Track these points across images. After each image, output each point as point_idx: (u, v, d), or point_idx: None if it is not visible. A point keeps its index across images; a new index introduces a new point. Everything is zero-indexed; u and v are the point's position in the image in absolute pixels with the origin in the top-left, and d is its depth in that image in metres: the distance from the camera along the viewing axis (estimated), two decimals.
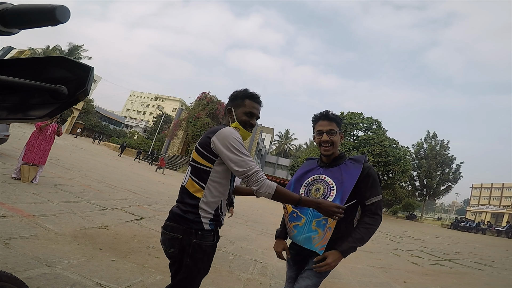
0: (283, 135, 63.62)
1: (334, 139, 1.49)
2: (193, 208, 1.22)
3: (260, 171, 1.19)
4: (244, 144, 1.25)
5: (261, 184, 1.16)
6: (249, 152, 31.30)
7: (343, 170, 1.49)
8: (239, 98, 1.36)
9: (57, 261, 2.26)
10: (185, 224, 1.20)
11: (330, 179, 1.49)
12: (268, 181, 1.17)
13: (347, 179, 1.45)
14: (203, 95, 29.41)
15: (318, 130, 1.53)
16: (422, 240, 11.69)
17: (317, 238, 1.41)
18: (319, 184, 1.51)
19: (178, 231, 1.20)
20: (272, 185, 1.17)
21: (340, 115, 26.92)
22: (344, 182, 1.44)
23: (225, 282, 2.74)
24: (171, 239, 1.22)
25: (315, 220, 1.44)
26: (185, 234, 1.20)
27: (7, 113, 0.43)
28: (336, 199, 1.42)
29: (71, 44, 33.97)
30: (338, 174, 1.49)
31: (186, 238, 1.19)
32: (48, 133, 5.21)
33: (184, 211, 1.22)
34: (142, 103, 73.47)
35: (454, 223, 31.21)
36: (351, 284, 3.57)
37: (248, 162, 1.19)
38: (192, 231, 1.20)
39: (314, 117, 1.57)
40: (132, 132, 48.95)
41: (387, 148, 25.18)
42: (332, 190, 1.45)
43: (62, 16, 0.36)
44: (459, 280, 4.84)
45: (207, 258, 1.24)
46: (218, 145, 1.20)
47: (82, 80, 0.42)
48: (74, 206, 4.10)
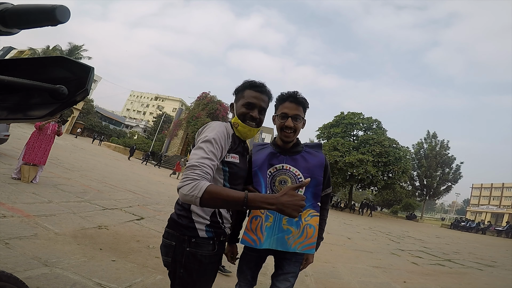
0: None
1: (298, 126, 1.33)
2: (186, 212, 1.10)
3: (198, 168, 0.93)
4: (223, 138, 1.07)
5: (185, 184, 0.89)
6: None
7: (307, 158, 1.37)
8: (240, 91, 1.23)
9: (57, 261, 2.26)
10: (179, 230, 1.08)
11: (296, 169, 1.34)
12: (198, 182, 0.89)
13: (314, 168, 1.34)
14: (203, 95, 29.40)
15: (282, 113, 1.32)
16: (422, 240, 11.69)
17: (292, 238, 1.28)
18: (285, 175, 1.34)
19: (172, 238, 1.09)
20: (200, 186, 0.88)
21: (340, 115, 26.77)
22: (314, 173, 1.33)
23: (225, 282, 2.74)
24: (165, 246, 1.11)
25: (285, 218, 1.29)
26: (178, 241, 1.07)
27: (7, 113, 0.43)
28: (307, 192, 1.32)
29: (71, 44, 33.96)
30: (303, 163, 1.35)
31: (179, 246, 1.07)
32: (48, 133, 5.21)
33: (178, 215, 1.11)
34: (142, 103, 73.47)
35: (454, 223, 31.21)
36: (351, 284, 3.56)
37: (196, 153, 0.99)
38: (186, 238, 1.07)
39: (280, 96, 1.36)
40: (132, 132, 48.95)
41: (387, 148, 25.19)
42: (300, 181, 1.31)
43: (62, 16, 0.36)
44: (459, 280, 4.84)
45: (203, 270, 1.08)
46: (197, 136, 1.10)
47: (82, 80, 0.42)
48: (74, 206, 4.10)
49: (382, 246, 7.64)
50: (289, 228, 1.29)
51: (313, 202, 1.34)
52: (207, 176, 0.94)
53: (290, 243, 1.28)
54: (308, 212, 1.33)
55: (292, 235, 1.28)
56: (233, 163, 1.14)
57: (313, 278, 3.42)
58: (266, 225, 1.29)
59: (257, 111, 1.19)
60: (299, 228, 1.29)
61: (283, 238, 1.29)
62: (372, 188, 29.16)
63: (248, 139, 1.26)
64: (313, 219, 1.32)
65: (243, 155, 1.22)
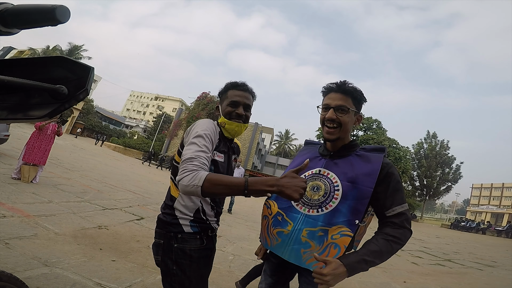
0: (283, 135, 63.64)
1: (344, 119, 1.10)
2: (170, 209, 1.12)
3: (195, 160, 0.93)
4: (212, 134, 1.09)
5: (184, 175, 0.89)
6: (249, 152, 31.38)
7: (354, 163, 1.11)
8: (223, 93, 1.25)
9: (57, 261, 2.26)
10: (164, 228, 1.10)
11: (335, 175, 1.11)
12: (197, 172, 0.89)
13: (361, 176, 1.07)
14: (203, 95, 29.42)
15: (324, 104, 1.14)
16: (422, 240, 11.69)
17: (309, 254, 1.06)
18: (319, 181, 1.14)
19: (161, 236, 1.11)
20: (200, 175, 0.87)
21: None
22: (357, 181, 1.07)
23: (225, 282, 2.74)
24: (156, 246, 1.13)
25: (307, 230, 1.08)
26: (165, 238, 1.09)
27: (7, 113, 0.43)
28: (342, 205, 1.06)
29: (71, 44, 34.01)
30: (346, 168, 1.11)
31: (167, 243, 1.08)
32: (48, 133, 5.21)
33: (163, 213, 1.14)
34: (142, 103, 73.50)
35: (454, 223, 31.23)
36: (351, 284, 3.56)
37: (191, 148, 0.99)
38: (172, 234, 1.08)
39: (324, 87, 1.16)
40: (132, 132, 48.96)
41: (387, 148, 25.19)
42: (336, 191, 1.08)
43: (62, 16, 0.36)
44: (459, 280, 4.84)
45: (196, 265, 1.08)
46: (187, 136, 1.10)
47: (82, 80, 0.42)
48: (74, 206, 4.10)
49: None
50: (308, 241, 1.07)
51: (349, 218, 1.04)
52: (204, 167, 0.94)
53: (305, 258, 1.07)
54: (339, 230, 1.04)
55: (310, 250, 1.06)
56: (218, 162, 1.13)
57: None
58: (283, 232, 1.13)
59: (242, 108, 1.18)
60: (321, 245, 1.05)
61: (298, 251, 1.08)
62: None
63: (237, 136, 1.25)
64: (342, 239, 1.03)
65: (228, 155, 1.22)
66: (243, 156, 29.33)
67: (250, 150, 31.24)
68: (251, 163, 32.31)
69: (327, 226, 1.06)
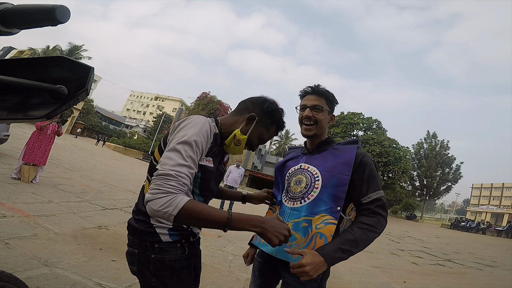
0: (283, 135, 63.64)
1: (319, 117, 1.18)
2: (144, 215, 0.96)
3: (174, 179, 0.78)
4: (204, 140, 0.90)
5: (156, 197, 0.75)
6: (249, 152, 31.38)
7: (331, 155, 1.17)
8: (269, 117, 1.06)
9: (57, 261, 2.26)
10: (138, 237, 0.96)
11: (314, 167, 1.17)
12: (173, 197, 0.75)
13: (338, 165, 1.12)
14: (203, 95, 29.44)
15: (302, 105, 1.23)
16: (422, 240, 11.70)
17: (295, 246, 1.07)
18: (300, 174, 1.19)
19: (134, 245, 0.98)
20: (176, 202, 0.75)
21: (340, 115, 26.67)
22: (335, 170, 1.11)
23: (225, 282, 2.74)
24: (130, 254, 1.00)
25: (292, 222, 1.11)
26: (140, 248, 0.96)
27: (7, 113, 0.43)
28: (323, 193, 1.10)
29: (71, 44, 34.01)
30: (324, 160, 1.17)
31: (143, 253, 0.95)
32: (48, 133, 5.22)
33: (135, 219, 0.99)
34: (142, 103, 73.52)
35: (454, 223, 31.24)
36: (351, 284, 3.56)
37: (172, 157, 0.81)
38: (148, 244, 0.94)
39: (302, 91, 1.26)
40: (132, 132, 48.96)
41: (387, 148, 25.19)
42: (316, 181, 1.13)
43: (62, 16, 0.36)
44: (459, 280, 4.84)
45: (177, 276, 0.96)
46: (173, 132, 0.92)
47: (82, 80, 0.42)
48: (74, 206, 4.10)
49: (382, 246, 7.64)
50: (293, 233, 1.07)
51: (331, 206, 1.08)
52: (183, 188, 0.79)
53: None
54: (322, 218, 1.07)
55: (296, 243, 1.07)
56: (206, 168, 0.96)
57: None
58: None
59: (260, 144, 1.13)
60: (307, 236, 1.07)
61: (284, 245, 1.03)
62: None
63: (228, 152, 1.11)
64: (327, 228, 1.05)
65: (220, 158, 1.06)
66: (243, 156, 29.33)
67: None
68: (251, 163, 32.30)
69: (310, 216, 1.10)
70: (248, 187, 29.29)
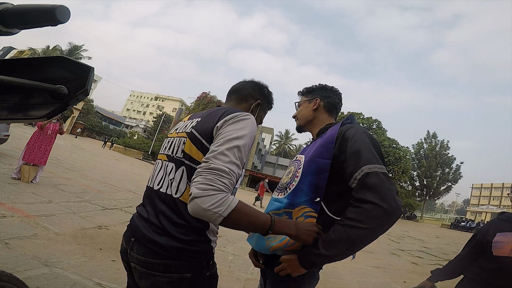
0: (283, 135, 63.69)
1: (298, 112, 1.24)
2: (199, 234, 0.82)
3: (227, 177, 0.72)
4: (250, 146, 0.87)
5: (208, 194, 0.67)
6: (249, 152, 31.31)
7: (318, 140, 1.06)
8: (267, 101, 1.11)
9: (57, 261, 2.26)
10: (195, 259, 0.81)
11: (303, 155, 1.07)
12: (226, 196, 0.70)
13: (318, 148, 0.98)
14: (203, 95, 29.44)
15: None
16: (422, 240, 11.70)
17: (272, 240, 0.97)
18: (292, 165, 1.12)
19: (183, 270, 0.80)
20: (228, 202, 0.69)
21: (340, 115, 26.78)
22: (315, 154, 0.98)
23: (225, 282, 2.74)
24: (169, 283, 0.80)
25: (272, 213, 1.01)
26: (195, 270, 0.81)
27: (7, 113, 0.43)
28: (303, 182, 0.97)
29: (71, 44, 34.05)
30: (311, 147, 1.07)
31: (198, 275, 0.82)
32: (49, 134, 5.21)
33: (185, 241, 0.80)
34: (142, 103, 73.54)
35: (454, 223, 31.24)
36: (351, 284, 3.57)
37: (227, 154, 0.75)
38: (204, 263, 0.84)
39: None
40: (132, 132, 48.96)
41: (387, 148, 25.20)
42: (299, 169, 1.02)
43: (62, 16, 0.36)
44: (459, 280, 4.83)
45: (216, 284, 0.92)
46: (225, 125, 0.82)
47: (82, 80, 0.42)
48: (74, 206, 4.10)
49: (382, 246, 7.64)
50: None
51: (311, 196, 0.94)
52: (232, 189, 0.74)
53: (268, 244, 0.98)
54: (302, 211, 0.95)
55: (273, 236, 0.96)
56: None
57: None
58: None
59: None
60: None
61: (262, 238, 1.01)
62: None
63: None
64: (307, 221, 0.94)
65: None
66: None
67: (250, 150, 31.22)
68: (251, 163, 32.32)
69: (290, 208, 0.98)
70: (248, 187, 29.28)
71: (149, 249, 0.80)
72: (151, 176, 0.95)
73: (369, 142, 0.90)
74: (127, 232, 0.91)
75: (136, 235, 0.85)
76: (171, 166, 0.87)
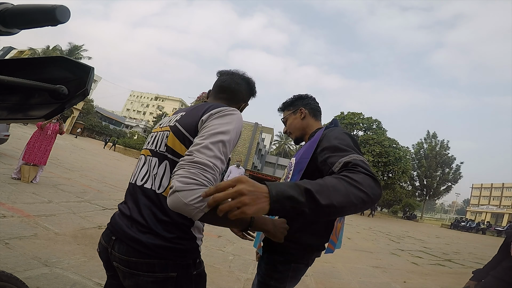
0: (283, 135, 63.63)
1: (288, 126, 1.32)
2: (184, 231, 0.80)
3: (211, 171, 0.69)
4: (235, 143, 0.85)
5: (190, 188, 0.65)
6: (249, 152, 31.40)
7: (306, 143, 1.19)
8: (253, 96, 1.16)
9: (57, 261, 2.26)
10: (180, 257, 0.80)
11: (294, 158, 1.19)
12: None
13: (304, 149, 1.11)
14: (203, 95, 29.40)
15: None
16: (422, 240, 11.69)
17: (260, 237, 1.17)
18: (286, 168, 1.26)
19: (169, 269, 0.78)
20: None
21: (340, 115, 26.53)
22: (301, 156, 1.09)
23: (225, 282, 2.74)
24: (155, 283, 0.77)
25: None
26: (180, 269, 0.79)
27: (7, 113, 0.43)
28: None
29: (71, 44, 34.03)
30: (300, 150, 1.17)
31: (184, 274, 0.80)
32: (49, 134, 5.21)
33: (169, 239, 0.77)
34: (142, 103, 73.53)
35: (454, 223, 31.22)
36: (351, 284, 3.57)
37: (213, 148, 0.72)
38: (191, 262, 0.82)
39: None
40: (132, 132, 48.95)
41: (387, 148, 25.20)
42: (290, 171, 1.14)
43: (62, 16, 0.36)
44: (459, 280, 4.83)
45: (205, 283, 0.91)
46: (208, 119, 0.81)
47: (82, 80, 0.42)
48: (74, 206, 4.10)
49: (382, 246, 7.64)
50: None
51: None
52: (213, 184, 0.71)
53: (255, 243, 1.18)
54: None
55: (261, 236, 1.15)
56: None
57: (313, 278, 3.42)
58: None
59: None
60: None
61: (257, 238, 1.18)
62: None
63: None
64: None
65: None
66: (243, 156, 29.33)
67: (250, 150, 31.23)
68: (251, 163, 32.31)
69: None
70: None
71: (131, 247, 0.77)
72: (134, 172, 0.92)
73: (349, 139, 0.94)
74: (107, 230, 0.87)
75: (118, 233, 0.81)
76: (155, 160, 0.85)
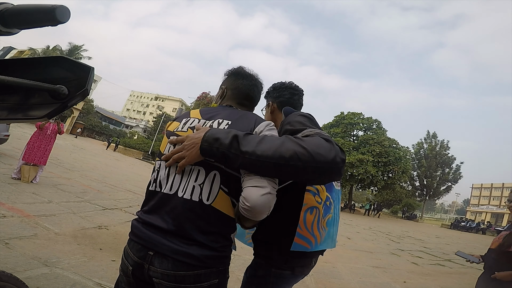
0: None
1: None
2: (228, 236, 0.84)
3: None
4: None
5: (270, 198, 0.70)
6: None
7: None
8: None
9: (57, 261, 2.26)
10: (223, 264, 0.83)
11: None
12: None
13: None
14: (203, 95, 29.41)
15: None
16: (422, 240, 11.69)
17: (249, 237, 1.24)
18: None
19: (211, 277, 0.79)
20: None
21: (340, 115, 26.46)
22: None
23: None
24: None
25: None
26: (221, 275, 0.83)
27: (7, 113, 0.43)
28: None
29: (71, 44, 34.01)
30: None
31: (223, 278, 0.85)
32: (48, 134, 5.21)
33: (216, 248, 0.78)
34: (142, 103, 73.53)
35: (454, 223, 31.21)
36: (351, 284, 3.56)
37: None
38: (227, 266, 0.87)
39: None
40: (132, 132, 48.94)
41: (387, 148, 25.21)
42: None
43: (62, 16, 0.36)
44: (459, 280, 4.84)
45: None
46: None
47: (82, 80, 0.42)
48: (74, 206, 4.10)
49: (382, 246, 7.64)
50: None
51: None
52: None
53: (247, 237, 1.27)
54: None
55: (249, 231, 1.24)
56: None
57: (313, 278, 3.42)
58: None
59: None
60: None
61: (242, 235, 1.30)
62: (372, 188, 29.19)
63: None
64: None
65: None
66: None
67: None
68: None
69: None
70: None
71: (179, 261, 0.74)
72: (160, 179, 0.84)
73: (303, 119, 0.90)
74: (137, 245, 0.80)
75: (157, 247, 0.76)
76: (197, 169, 0.79)
